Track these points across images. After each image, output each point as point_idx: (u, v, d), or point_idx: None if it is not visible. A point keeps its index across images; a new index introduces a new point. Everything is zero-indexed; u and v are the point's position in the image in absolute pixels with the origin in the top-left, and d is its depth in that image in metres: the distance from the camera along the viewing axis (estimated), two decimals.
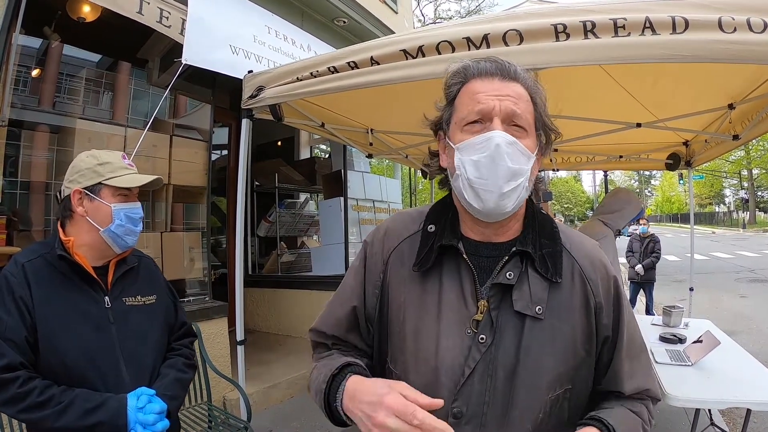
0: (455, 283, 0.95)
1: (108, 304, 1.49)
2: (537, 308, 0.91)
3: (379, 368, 1.04)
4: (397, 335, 0.98)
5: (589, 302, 0.94)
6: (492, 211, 0.91)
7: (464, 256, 0.95)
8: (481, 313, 0.91)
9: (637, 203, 3.41)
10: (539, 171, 1.01)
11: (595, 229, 3.22)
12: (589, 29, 1.77)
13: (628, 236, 7.30)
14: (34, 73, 3.53)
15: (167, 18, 3.06)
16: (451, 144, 0.94)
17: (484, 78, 0.93)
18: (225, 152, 6.29)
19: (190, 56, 2.81)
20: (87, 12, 3.62)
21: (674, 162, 4.48)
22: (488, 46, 1.92)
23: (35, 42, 3.54)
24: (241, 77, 2.85)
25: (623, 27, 1.72)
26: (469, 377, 0.89)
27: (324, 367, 0.99)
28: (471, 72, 0.95)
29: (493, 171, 0.88)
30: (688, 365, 2.73)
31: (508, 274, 0.92)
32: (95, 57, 3.94)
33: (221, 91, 4.54)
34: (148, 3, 2.97)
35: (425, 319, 0.95)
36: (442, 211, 1.03)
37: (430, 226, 1.01)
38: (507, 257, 0.94)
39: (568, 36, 1.80)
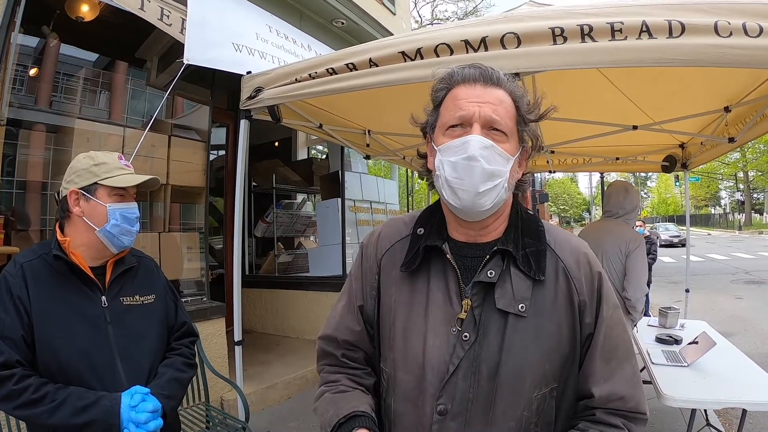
0: (441, 282, 0.98)
1: (105, 304, 1.50)
2: (520, 306, 0.92)
3: (378, 368, 1.07)
4: (388, 334, 1.02)
5: (573, 300, 0.96)
6: (470, 209, 0.94)
7: (448, 256, 0.98)
8: (465, 311, 0.94)
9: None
10: (528, 172, 1.04)
11: (629, 232, 3.13)
12: (586, 33, 1.78)
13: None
14: (32, 72, 3.52)
15: (168, 16, 3.05)
16: (434, 146, 0.98)
17: (467, 84, 0.96)
18: (222, 152, 6.28)
19: (192, 56, 2.79)
20: (86, 11, 3.62)
21: (670, 164, 4.51)
22: (486, 49, 1.93)
23: (33, 41, 3.54)
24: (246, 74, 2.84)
25: (620, 31, 1.74)
26: (453, 374, 0.92)
27: (332, 405, 1.01)
28: (455, 78, 0.98)
29: (469, 172, 0.91)
30: (685, 366, 2.75)
31: (489, 272, 0.95)
32: (93, 56, 3.93)
33: (219, 92, 4.54)
34: (149, 1, 2.97)
35: (414, 317, 0.98)
36: (432, 215, 1.07)
37: (419, 229, 1.05)
38: (488, 256, 0.97)
39: (565, 39, 1.81)
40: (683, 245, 22.81)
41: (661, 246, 23.92)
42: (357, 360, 1.10)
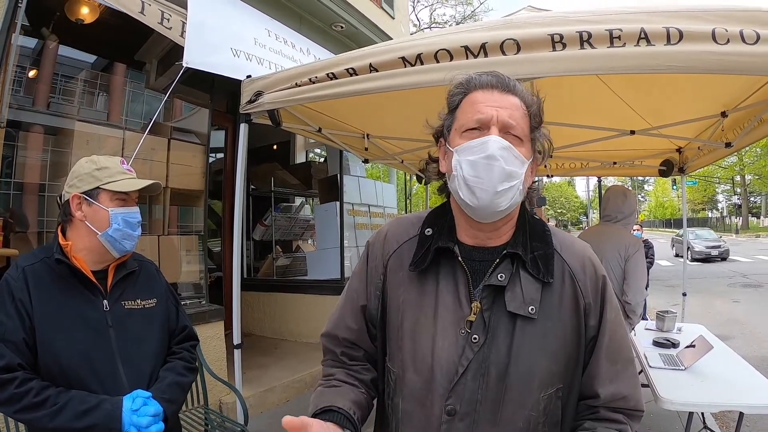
0: (451, 285, 0.99)
1: (106, 308, 1.50)
2: (530, 308, 0.94)
3: (381, 367, 1.09)
4: (396, 334, 1.03)
5: (578, 303, 0.98)
6: (486, 208, 0.95)
7: (459, 258, 0.99)
8: (474, 314, 0.95)
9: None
10: (536, 181, 1.05)
11: (628, 236, 3.16)
12: (585, 39, 1.79)
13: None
14: (32, 73, 3.52)
15: (168, 20, 3.06)
16: (450, 148, 0.99)
17: (485, 90, 0.99)
18: (221, 155, 6.28)
19: (191, 59, 2.81)
20: (85, 13, 3.62)
21: (667, 168, 4.52)
22: (486, 55, 1.94)
23: (32, 42, 3.54)
24: (243, 79, 2.85)
25: (618, 38, 1.75)
26: (462, 376, 0.93)
27: (318, 397, 1.02)
28: (473, 84, 1.00)
29: (488, 171, 0.93)
30: (682, 369, 2.76)
31: (499, 276, 0.96)
32: (92, 58, 3.93)
33: (218, 95, 4.54)
34: (150, 4, 2.97)
35: (422, 319, 0.99)
36: (441, 216, 1.08)
37: (427, 230, 1.06)
38: (498, 260, 0.98)
39: (564, 46, 1.82)
40: (724, 259, 18.97)
41: (694, 260, 18.65)
42: (357, 358, 1.11)
